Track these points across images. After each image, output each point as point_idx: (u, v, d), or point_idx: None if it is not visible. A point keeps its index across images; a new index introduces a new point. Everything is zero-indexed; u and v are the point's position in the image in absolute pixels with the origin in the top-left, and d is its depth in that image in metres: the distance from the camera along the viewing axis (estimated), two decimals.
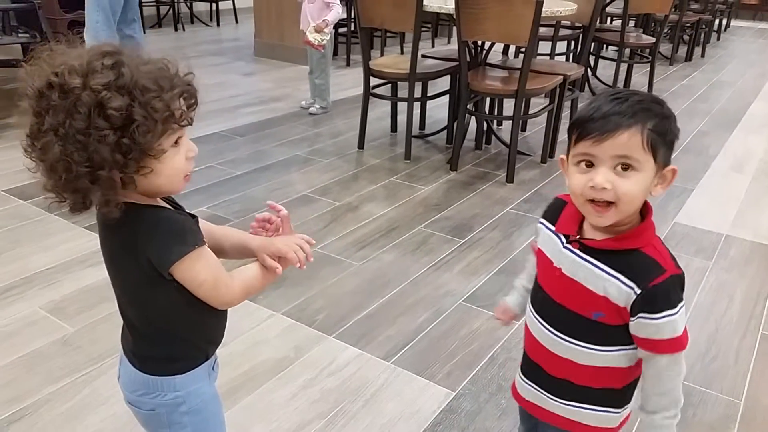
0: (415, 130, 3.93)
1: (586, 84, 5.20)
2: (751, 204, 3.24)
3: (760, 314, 2.27)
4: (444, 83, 3.96)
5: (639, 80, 5.59)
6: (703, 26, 7.16)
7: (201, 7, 8.01)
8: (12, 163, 3.25)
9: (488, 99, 3.85)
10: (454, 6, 3.17)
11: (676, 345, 0.98)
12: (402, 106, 3.83)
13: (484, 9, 3.12)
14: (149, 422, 1.08)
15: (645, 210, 1.01)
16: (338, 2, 4.13)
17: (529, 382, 1.16)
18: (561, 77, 3.51)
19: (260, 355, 1.93)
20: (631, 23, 6.21)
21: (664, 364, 1.00)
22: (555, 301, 1.06)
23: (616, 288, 0.97)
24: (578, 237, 1.03)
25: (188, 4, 7.74)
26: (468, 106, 3.46)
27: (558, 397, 1.10)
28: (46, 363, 1.85)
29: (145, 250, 0.92)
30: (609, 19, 6.42)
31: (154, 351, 1.03)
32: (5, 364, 1.85)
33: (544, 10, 3.04)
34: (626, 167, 0.93)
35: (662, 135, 0.93)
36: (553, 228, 1.08)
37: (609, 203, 0.95)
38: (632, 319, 0.98)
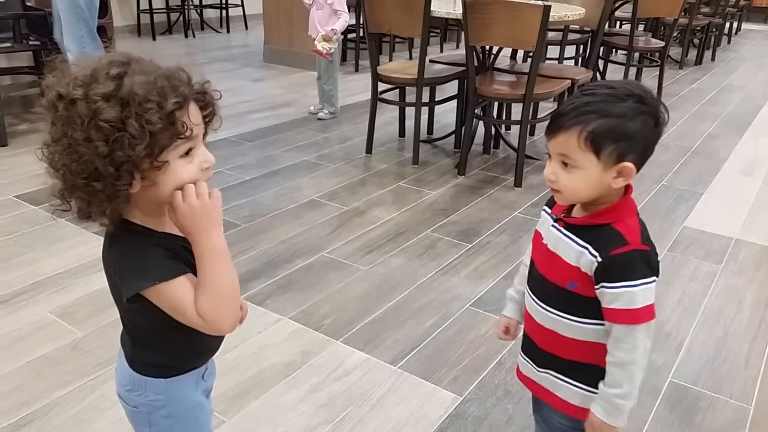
0: (423, 135, 3.93)
1: None
2: (761, 208, 3.22)
3: None
4: (452, 88, 3.97)
5: (648, 84, 5.53)
6: (714, 29, 7.13)
7: (211, 14, 8.06)
8: (23, 169, 3.28)
9: (496, 103, 3.85)
10: (461, 11, 3.17)
11: (631, 316, 1.02)
12: (410, 111, 3.84)
13: (492, 14, 3.12)
14: (133, 418, 1.09)
15: (626, 189, 1.08)
16: (346, 10, 4.15)
17: (525, 357, 1.23)
18: (569, 81, 3.51)
19: (267, 359, 1.93)
20: (641, 27, 6.19)
21: (620, 334, 1.04)
22: (540, 274, 1.14)
23: (586, 258, 1.05)
24: (563, 216, 1.12)
25: (198, 10, 7.79)
26: (476, 111, 3.46)
27: (547, 369, 1.16)
28: (55, 367, 1.87)
29: (115, 271, 0.93)
30: (618, 23, 6.40)
31: (141, 353, 1.04)
32: (15, 368, 1.86)
33: (552, 14, 3.03)
34: (566, 164, 1.04)
35: (608, 134, 1.00)
36: (549, 211, 1.17)
37: (557, 190, 1.07)
38: (596, 287, 1.05)
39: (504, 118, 3.98)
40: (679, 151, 3.98)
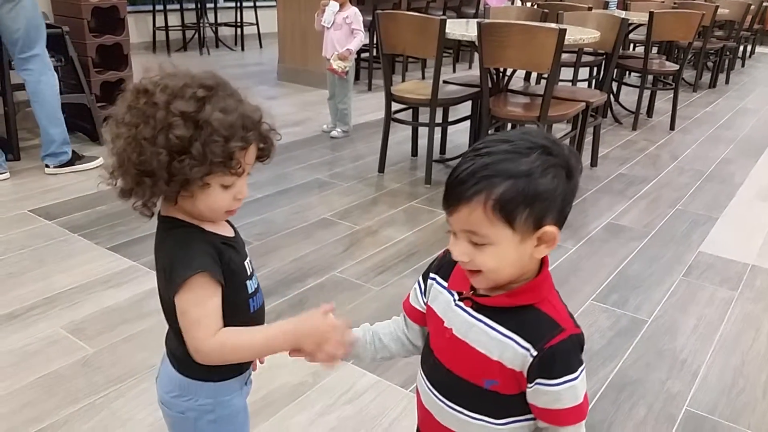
0: (436, 155, 3.93)
1: (609, 111, 5.18)
2: None
3: None
4: (465, 108, 3.97)
5: (662, 107, 5.55)
6: (728, 53, 7.12)
7: (226, 32, 8.14)
8: (37, 183, 3.30)
9: (510, 125, 3.85)
10: (476, 34, 3.18)
11: (578, 414, 0.90)
12: (423, 131, 3.84)
13: (507, 37, 3.13)
14: (176, 425, 1.10)
15: (541, 262, 0.92)
16: (362, 30, 4.18)
17: None
18: (583, 104, 3.50)
19: (277, 379, 1.92)
20: (655, 50, 6.19)
21: None
22: (445, 367, 0.95)
23: (512, 350, 0.88)
24: (471, 294, 0.93)
25: (213, 28, 7.87)
26: (489, 132, 3.46)
27: None
28: (65, 384, 1.86)
29: (165, 265, 0.97)
30: (632, 45, 6.40)
31: (189, 354, 1.03)
32: (26, 384, 1.86)
33: (567, 38, 3.04)
34: (476, 243, 0.86)
35: (518, 198, 0.83)
36: (446, 284, 0.98)
37: (476, 270, 0.89)
38: (529, 386, 0.89)
39: None
40: (694, 175, 3.96)
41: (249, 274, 1.07)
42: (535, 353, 0.87)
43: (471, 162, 0.85)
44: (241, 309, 1.02)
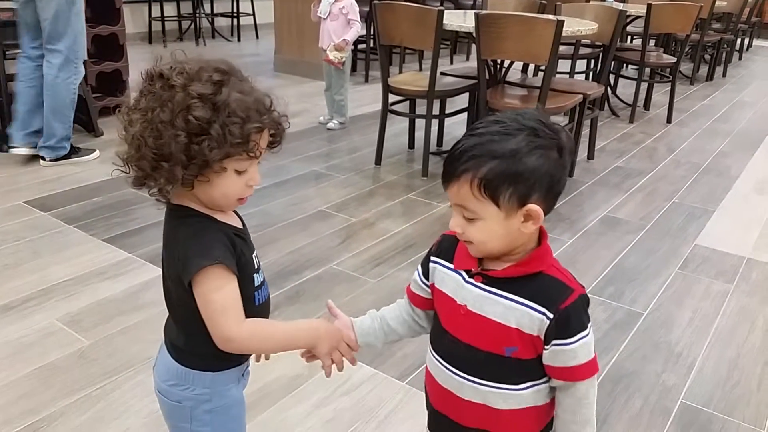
0: (433, 147, 3.92)
1: (606, 103, 5.18)
2: None
3: None
4: (462, 100, 3.96)
5: (659, 99, 5.55)
6: (725, 46, 7.11)
7: (222, 22, 8.10)
8: (32, 175, 3.29)
9: None
10: (474, 25, 3.17)
11: (592, 368, 0.96)
12: (420, 123, 3.83)
13: (505, 28, 3.12)
14: (172, 414, 1.10)
15: (541, 234, 0.98)
16: (358, 20, 4.16)
17: None
18: (581, 96, 3.50)
19: (274, 372, 1.91)
20: (652, 42, 6.18)
21: (583, 391, 0.97)
22: (464, 343, 0.99)
23: (528, 316, 0.93)
24: (480, 269, 0.98)
25: (210, 19, 7.83)
26: None
27: None
28: (61, 375, 1.86)
29: (179, 254, 0.97)
30: (629, 38, 6.39)
31: (189, 344, 1.05)
32: (21, 375, 1.85)
33: (564, 29, 3.03)
34: (467, 218, 0.93)
35: (502, 177, 0.88)
36: (451, 265, 1.02)
37: (468, 241, 0.96)
38: (546, 347, 0.94)
39: None
40: (691, 168, 3.96)
41: (256, 267, 1.07)
42: (551, 316, 0.92)
43: (464, 141, 0.92)
44: (247, 301, 1.02)
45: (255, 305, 1.06)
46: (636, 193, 3.51)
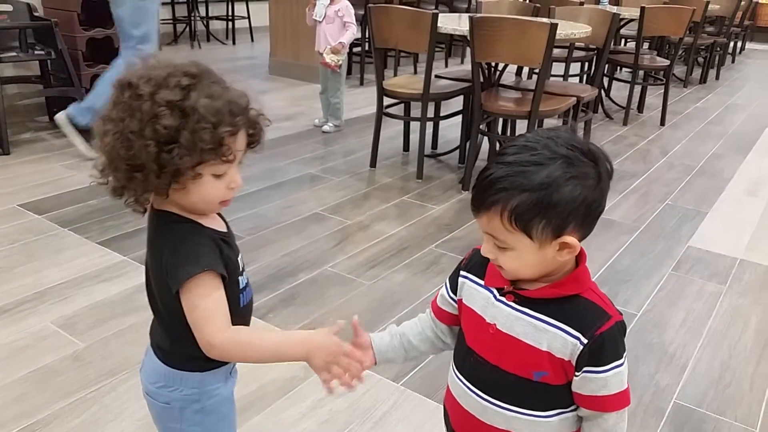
0: (428, 150, 3.93)
1: (600, 106, 5.20)
2: (766, 228, 3.20)
3: None
4: (457, 103, 3.98)
5: (653, 102, 5.58)
6: (718, 49, 7.14)
7: (217, 25, 8.10)
8: (27, 177, 3.28)
9: (501, 120, 3.86)
10: (468, 28, 3.18)
11: (624, 400, 0.91)
12: (415, 126, 3.85)
13: (499, 31, 3.13)
14: (161, 415, 1.10)
15: (579, 255, 0.93)
16: (354, 23, 4.17)
17: None
18: (574, 99, 3.52)
19: (269, 373, 1.92)
20: (646, 45, 6.21)
21: (611, 424, 0.92)
22: (490, 364, 0.95)
23: (561, 340, 0.89)
24: (512, 288, 0.93)
25: (204, 22, 7.83)
26: (481, 127, 3.47)
27: None
28: (56, 378, 1.86)
29: (166, 261, 0.96)
30: (623, 41, 6.42)
31: (175, 346, 1.05)
32: (16, 378, 1.85)
33: (558, 32, 3.04)
34: (498, 246, 0.89)
35: (533, 210, 0.84)
36: (482, 282, 0.98)
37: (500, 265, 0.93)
38: (577, 374, 0.90)
39: (509, 134, 3.98)
40: (684, 170, 3.98)
41: (241, 269, 1.07)
42: (585, 341, 0.88)
43: (494, 169, 0.87)
44: (232, 303, 1.02)
45: (239, 306, 1.07)
46: (629, 195, 3.53)
